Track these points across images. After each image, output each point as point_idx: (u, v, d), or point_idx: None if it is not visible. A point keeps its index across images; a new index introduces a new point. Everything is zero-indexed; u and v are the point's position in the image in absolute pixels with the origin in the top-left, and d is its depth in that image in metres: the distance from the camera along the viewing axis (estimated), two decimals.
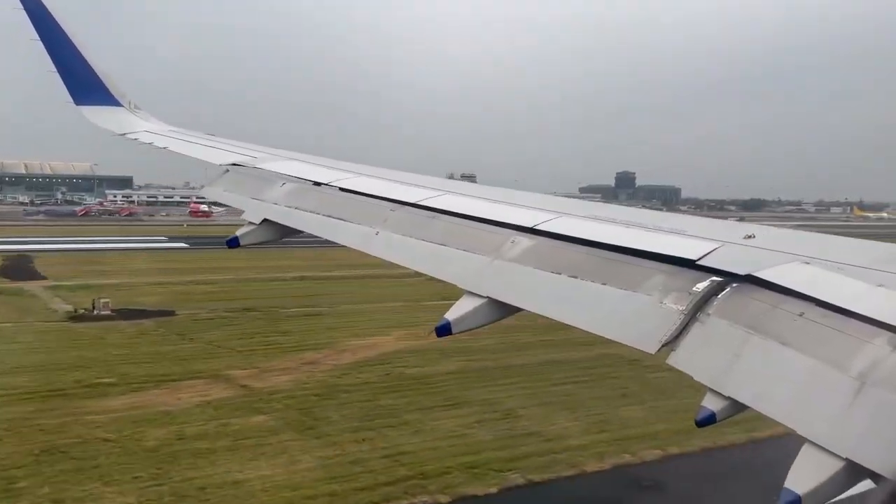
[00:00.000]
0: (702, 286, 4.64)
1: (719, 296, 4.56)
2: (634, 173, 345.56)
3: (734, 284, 4.60)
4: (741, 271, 4.62)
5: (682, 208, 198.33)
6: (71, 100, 13.06)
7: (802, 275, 4.46)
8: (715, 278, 4.68)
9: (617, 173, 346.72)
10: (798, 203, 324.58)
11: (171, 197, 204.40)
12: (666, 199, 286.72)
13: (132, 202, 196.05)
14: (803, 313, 4.09)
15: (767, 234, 5.52)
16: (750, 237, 5.32)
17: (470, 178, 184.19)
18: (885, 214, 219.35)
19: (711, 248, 5.04)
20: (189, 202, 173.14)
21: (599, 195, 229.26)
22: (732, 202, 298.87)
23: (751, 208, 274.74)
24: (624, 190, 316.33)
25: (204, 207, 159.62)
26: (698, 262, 4.87)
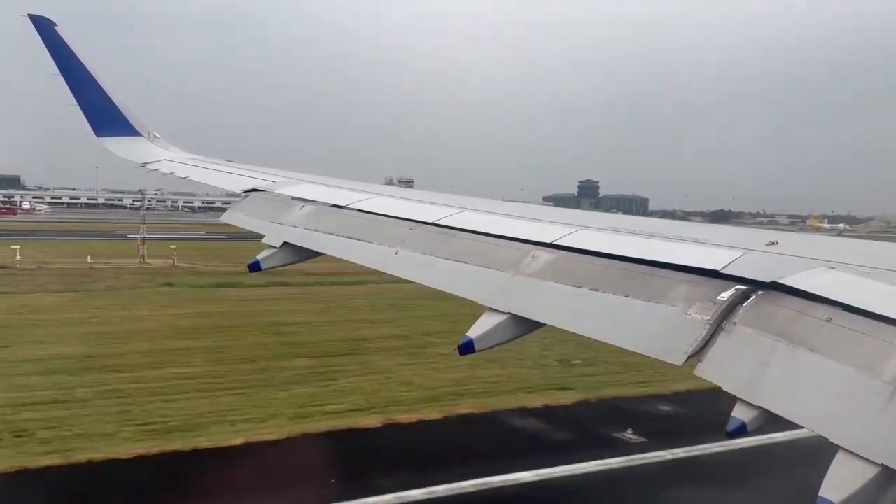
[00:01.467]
0: (726, 295, 4.61)
1: (745, 304, 4.52)
2: (598, 182, 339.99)
3: (759, 292, 4.55)
4: (766, 279, 4.58)
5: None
6: (91, 131, 13.50)
7: (828, 280, 4.41)
8: (739, 287, 4.65)
9: (580, 182, 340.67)
10: (772, 216, 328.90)
11: (60, 198, 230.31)
12: (632, 210, 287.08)
13: (13, 203, 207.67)
14: (831, 319, 4.05)
15: (790, 240, 5.49)
16: (773, 244, 5.28)
17: (407, 182, 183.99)
18: (841, 226, 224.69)
19: (735, 257, 5.03)
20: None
21: (552, 203, 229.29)
22: (699, 213, 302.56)
23: (717, 219, 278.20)
24: (587, 199, 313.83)
25: (30, 206, 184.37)
26: (722, 272, 4.85)
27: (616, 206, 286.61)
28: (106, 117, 13.64)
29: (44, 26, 12.80)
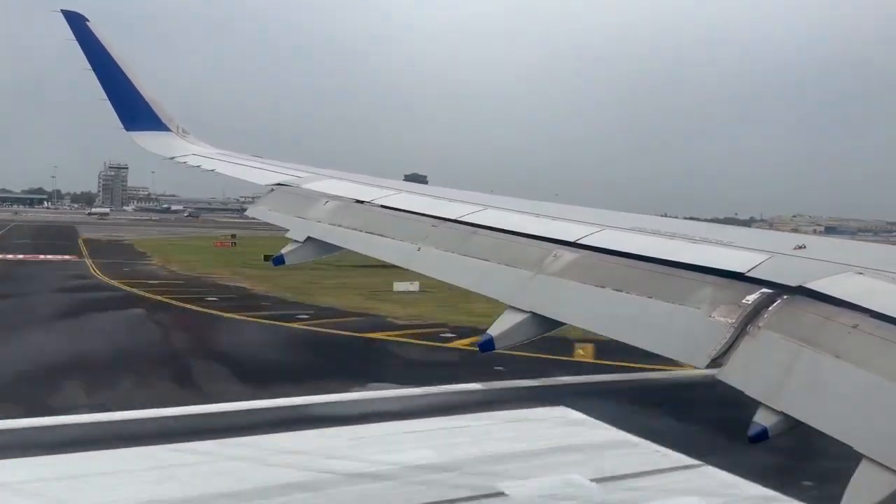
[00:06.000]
0: (751, 298, 4.52)
1: (770, 308, 4.43)
2: (426, 176, 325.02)
3: (785, 296, 4.46)
4: (792, 283, 4.49)
5: None
6: (122, 126, 13.68)
7: (856, 285, 4.32)
8: (765, 290, 4.56)
9: (405, 175, 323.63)
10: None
11: None
12: None
13: None
14: (857, 325, 3.95)
15: (818, 244, 5.39)
16: (800, 248, 5.19)
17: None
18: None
19: (761, 260, 4.93)
20: None
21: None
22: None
23: None
24: None
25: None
26: (747, 274, 4.76)
27: None
28: (136, 112, 13.77)
29: (76, 22, 13.00)
